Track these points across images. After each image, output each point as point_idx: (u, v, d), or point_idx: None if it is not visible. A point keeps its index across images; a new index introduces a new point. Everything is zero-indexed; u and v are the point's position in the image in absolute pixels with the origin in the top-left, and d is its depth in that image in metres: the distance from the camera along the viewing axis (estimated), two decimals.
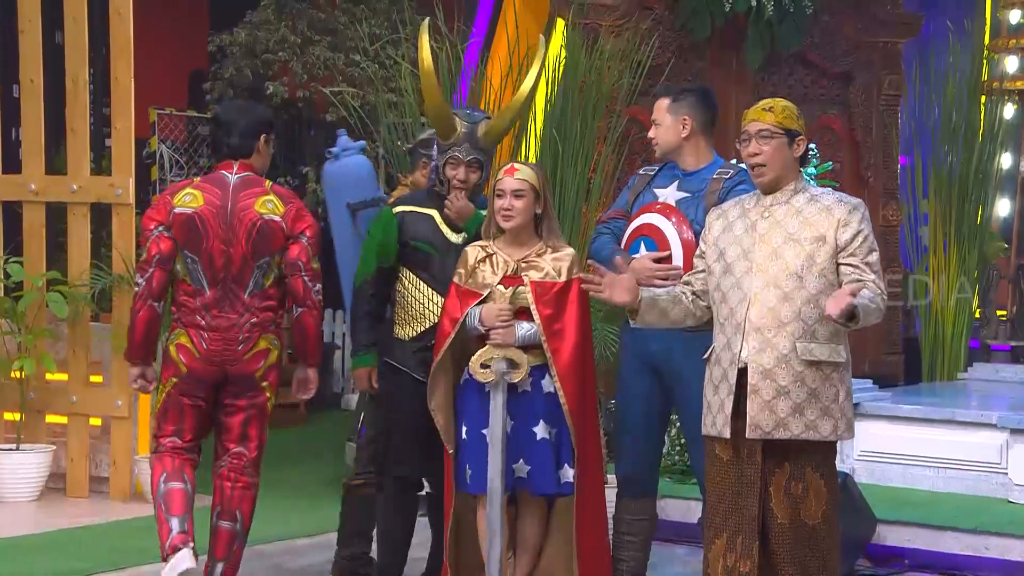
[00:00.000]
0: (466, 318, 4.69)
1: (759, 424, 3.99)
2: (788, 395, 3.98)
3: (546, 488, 4.71)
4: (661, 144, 4.89)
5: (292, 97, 10.35)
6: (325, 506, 7.19)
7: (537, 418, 4.69)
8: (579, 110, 6.83)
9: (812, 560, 4.05)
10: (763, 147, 4.05)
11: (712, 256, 4.16)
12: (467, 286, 4.74)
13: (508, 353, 4.66)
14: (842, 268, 3.98)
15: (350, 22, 9.95)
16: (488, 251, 4.77)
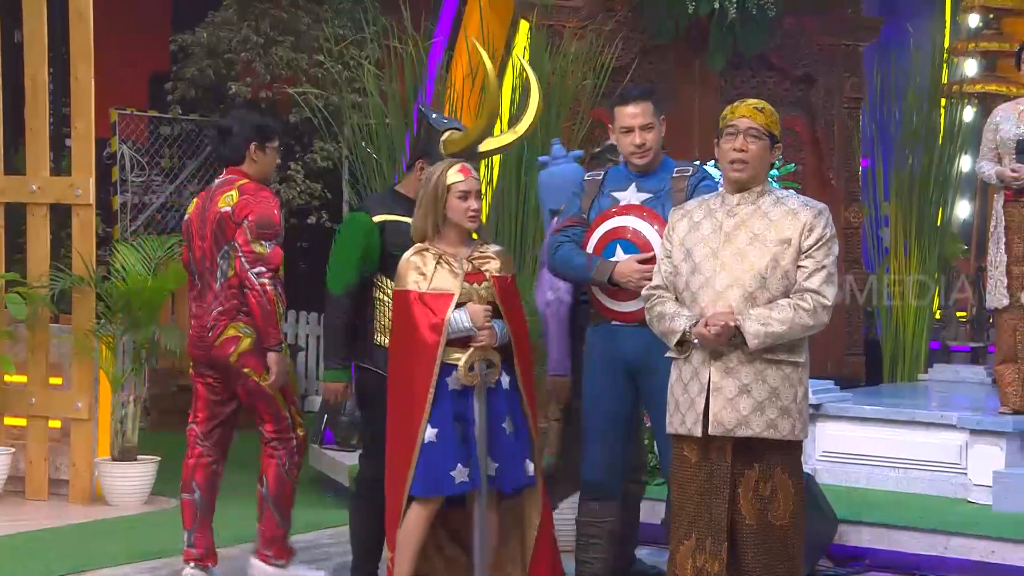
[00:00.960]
0: (450, 322, 4.59)
1: (721, 421, 4.02)
2: (750, 393, 4.01)
3: (516, 483, 4.70)
4: (655, 148, 4.85)
5: (255, 98, 10.29)
6: None
7: (504, 415, 4.69)
8: (544, 112, 6.82)
9: (778, 560, 4.08)
10: (750, 145, 4.07)
11: (679, 256, 4.16)
12: (432, 290, 4.64)
13: (487, 354, 4.65)
14: (798, 269, 4.03)
15: (314, 22, 9.90)
16: (435, 252, 4.68)
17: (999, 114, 6.71)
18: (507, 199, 6.87)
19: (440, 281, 4.65)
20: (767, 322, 3.97)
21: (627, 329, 4.77)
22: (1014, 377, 6.58)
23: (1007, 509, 6.00)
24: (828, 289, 4.05)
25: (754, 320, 3.97)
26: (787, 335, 4.00)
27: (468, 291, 4.64)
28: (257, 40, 10.24)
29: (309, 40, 9.98)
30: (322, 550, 6.27)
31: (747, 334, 3.96)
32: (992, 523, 5.85)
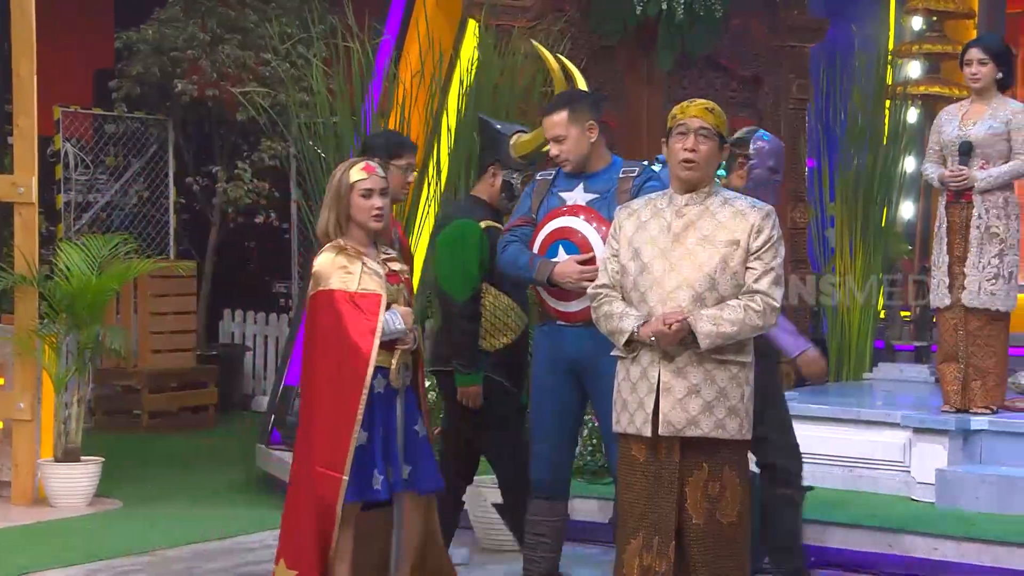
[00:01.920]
0: (385, 324, 4.56)
1: (672, 421, 4.04)
2: (699, 393, 4.03)
3: (436, 483, 4.73)
4: (572, 158, 4.87)
5: (201, 96, 10.22)
6: (235, 510, 7.14)
7: (416, 416, 4.70)
8: (492, 111, 6.83)
9: (726, 559, 4.09)
10: (701, 145, 4.08)
11: (626, 255, 4.17)
12: (360, 290, 4.56)
13: (407, 356, 4.68)
14: (747, 270, 4.06)
15: (261, 20, 9.85)
16: (352, 253, 4.61)
17: (943, 115, 6.77)
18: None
19: (365, 282, 4.58)
20: (718, 322, 3.99)
21: (572, 329, 4.79)
22: (956, 376, 6.64)
23: (949, 506, 6.07)
24: (776, 291, 4.09)
25: (706, 320, 3.99)
26: (737, 335, 4.03)
27: (393, 292, 4.62)
28: (203, 38, 10.17)
29: (256, 38, 9.92)
30: (269, 550, 6.22)
31: (699, 334, 3.98)
32: (935, 520, 5.93)
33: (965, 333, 6.57)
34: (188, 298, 10.20)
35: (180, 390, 10.05)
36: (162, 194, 10.91)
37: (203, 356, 10.45)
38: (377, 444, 4.57)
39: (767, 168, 5.07)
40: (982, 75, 6.54)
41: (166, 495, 7.49)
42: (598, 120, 4.90)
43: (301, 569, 4.59)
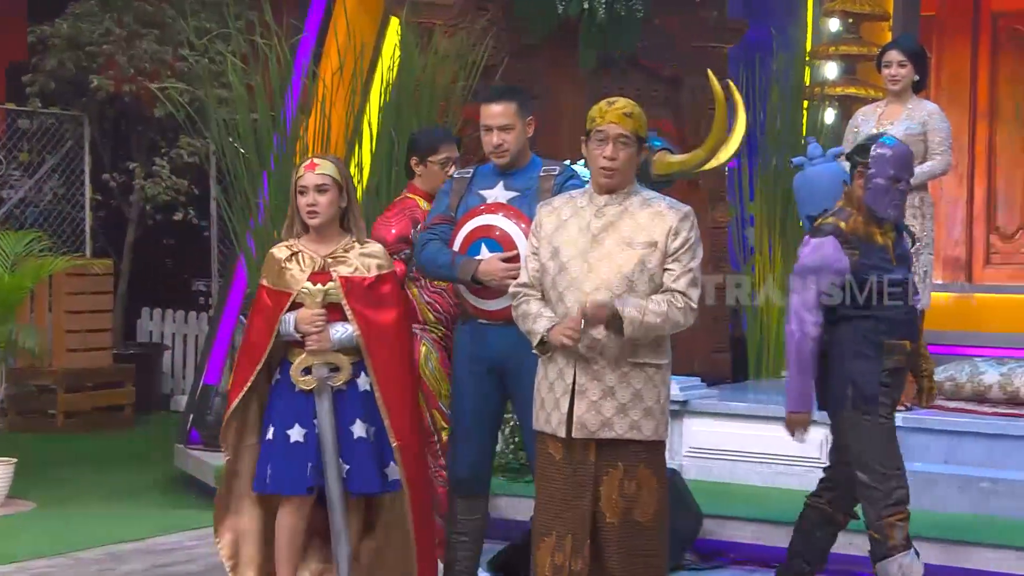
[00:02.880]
0: (280, 325, 4.60)
1: (585, 423, 4.06)
2: (614, 395, 4.06)
3: (366, 487, 4.67)
4: (512, 150, 4.86)
5: (118, 91, 10.08)
6: (152, 510, 7.06)
7: (354, 417, 4.65)
8: (414, 109, 6.82)
9: (641, 557, 4.13)
10: (619, 153, 4.10)
11: (546, 254, 4.18)
12: (277, 287, 4.63)
13: (327, 357, 4.62)
14: (665, 271, 4.09)
15: (178, 15, 9.73)
16: (293, 249, 4.67)
17: (860, 116, 6.88)
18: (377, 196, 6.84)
19: (286, 278, 4.62)
20: (644, 312, 4.01)
21: (493, 327, 4.79)
22: None
23: None
24: (694, 291, 4.12)
25: (632, 307, 4.00)
26: (659, 328, 4.05)
27: (305, 292, 4.60)
28: (120, 33, 10.03)
29: (174, 33, 9.81)
30: (187, 551, 6.18)
31: (625, 318, 3.97)
32: None
33: None
34: (104, 296, 10.06)
35: (96, 389, 9.91)
36: (78, 191, 10.74)
37: (120, 355, 10.32)
38: (276, 438, 4.60)
39: (888, 177, 4.72)
40: (902, 77, 6.65)
41: (81, 496, 7.39)
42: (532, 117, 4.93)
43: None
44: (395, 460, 4.66)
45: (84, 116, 10.66)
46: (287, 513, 4.65)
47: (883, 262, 4.71)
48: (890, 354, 4.70)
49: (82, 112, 10.63)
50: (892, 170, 4.71)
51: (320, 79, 6.96)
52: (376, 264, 4.69)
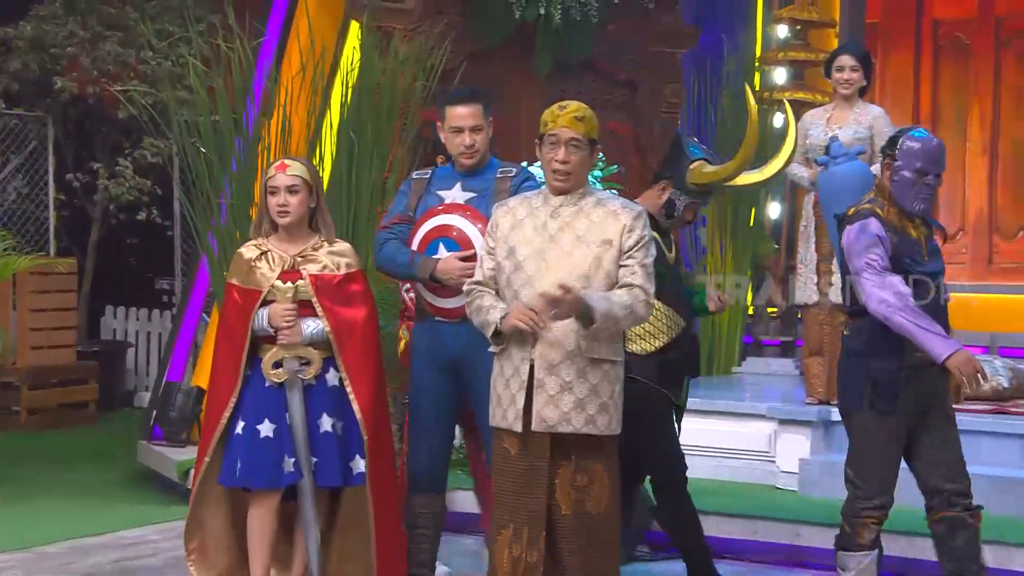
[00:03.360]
0: (253, 320, 4.61)
1: (544, 418, 4.08)
2: (572, 390, 4.08)
3: (331, 480, 4.67)
4: (482, 150, 4.87)
5: (81, 93, 10.01)
6: (115, 505, 7.03)
7: (321, 411, 4.66)
8: (374, 112, 6.81)
9: (595, 548, 4.15)
10: (572, 156, 4.11)
11: (502, 253, 4.19)
12: (247, 285, 4.65)
13: (298, 351, 4.63)
14: (620, 268, 4.12)
15: (141, 19, 9.67)
16: (262, 248, 4.69)
17: (808, 120, 6.93)
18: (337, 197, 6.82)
19: (256, 276, 4.65)
20: (610, 303, 4.01)
21: (450, 325, 4.80)
22: (820, 369, 6.81)
23: (811, 494, 6.22)
24: (650, 286, 4.14)
25: (599, 299, 4.00)
26: (624, 320, 4.07)
27: (275, 289, 4.62)
28: (83, 35, 9.96)
29: (137, 36, 9.75)
30: (150, 545, 6.16)
31: (596, 310, 3.96)
32: (797, 507, 6.07)
33: (831, 328, 6.74)
34: (68, 295, 9.99)
35: (60, 386, 9.83)
36: (42, 191, 10.66)
37: (84, 353, 10.25)
38: (246, 432, 4.61)
39: (914, 170, 4.52)
40: (854, 81, 6.72)
41: (45, 492, 7.33)
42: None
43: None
44: (362, 455, 4.66)
45: (48, 117, 10.58)
46: (257, 507, 4.65)
47: (916, 255, 4.55)
48: (913, 349, 4.47)
49: (46, 113, 10.55)
50: (919, 163, 4.51)
51: (281, 82, 6.94)
52: (345, 263, 4.71)
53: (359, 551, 4.77)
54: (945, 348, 4.36)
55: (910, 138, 4.59)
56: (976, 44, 10.20)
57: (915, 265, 4.54)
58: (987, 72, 10.13)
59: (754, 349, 8.98)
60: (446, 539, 5.22)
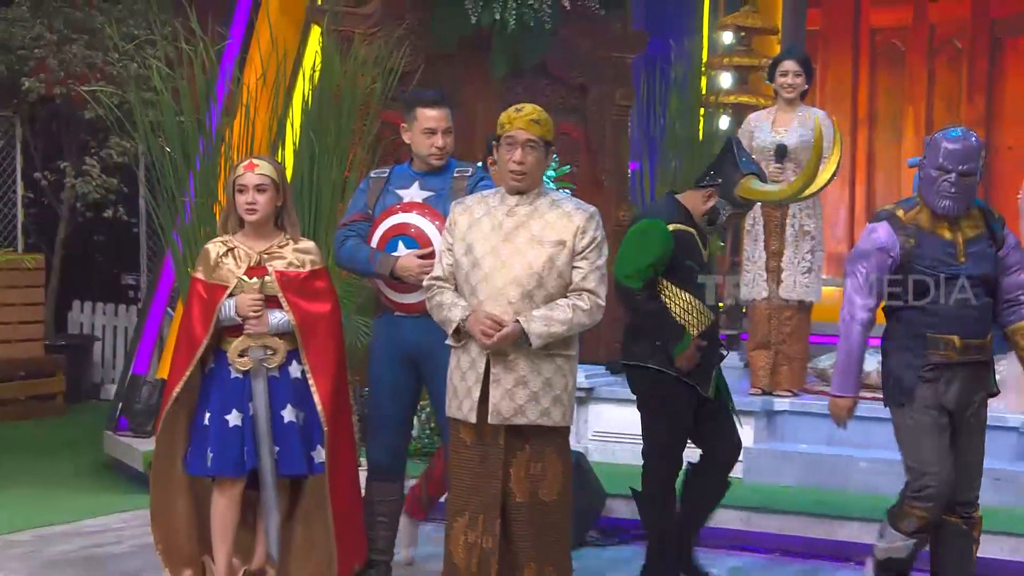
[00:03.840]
0: (220, 311, 4.60)
1: (500, 410, 4.07)
2: (526, 384, 4.08)
3: (293, 469, 4.64)
4: (449, 150, 4.86)
5: (49, 94, 9.89)
6: (81, 494, 6.94)
7: (285, 402, 4.63)
8: (334, 113, 6.76)
9: (547, 533, 4.15)
10: (528, 157, 4.11)
11: (460, 250, 4.18)
12: (212, 280, 4.64)
13: (264, 340, 4.61)
14: (574, 270, 4.11)
15: (107, 22, 9.56)
16: (229, 245, 4.68)
17: (753, 122, 6.95)
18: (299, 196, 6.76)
19: (222, 272, 4.63)
20: (550, 323, 4.04)
21: (409, 319, 4.79)
22: (765, 361, 6.84)
23: (756, 481, 6.24)
24: (602, 289, 4.16)
25: (538, 322, 4.03)
26: (566, 333, 4.10)
27: (242, 284, 4.60)
28: (51, 37, 9.83)
29: (103, 39, 9.63)
30: (115, 533, 6.09)
31: (531, 335, 4.02)
32: (743, 494, 6.06)
33: (777, 322, 6.77)
34: (36, 290, 9.88)
35: (28, 379, 9.71)
36: (10, 189, 10.51)
37: (51, 346, 10.12)
38: (213, 423, 4.57)
39: (936, 167, 4.38)
40: (798, 85, 6.76)
41: (12, 481, 7.23)
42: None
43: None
44: (322, 444, 4.64)
45: (16, 117, 10.44)
46: (222, 495, 4.63)
47: (946, 256, 4.42)
48: (934, 348, 4.42)
49: (14, 113, 10.41)
50: (941, 159, 4.36)
51: (244, 84, 6.87)
52: (310, 260, 4.71)
53: (320, 539, 4.74)
54: (835, 389, 4.59)
55: (939, 136, 4.45)
56: (911, 51, 10.29)
57: (943, 267, 4.41)
58: (921, 77, 10.22)
59: None
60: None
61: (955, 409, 4.48)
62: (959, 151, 4.36)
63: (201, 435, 4.61)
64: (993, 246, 4.50)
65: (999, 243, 4.52)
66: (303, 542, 4.79)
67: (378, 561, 4.97)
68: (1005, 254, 4.53)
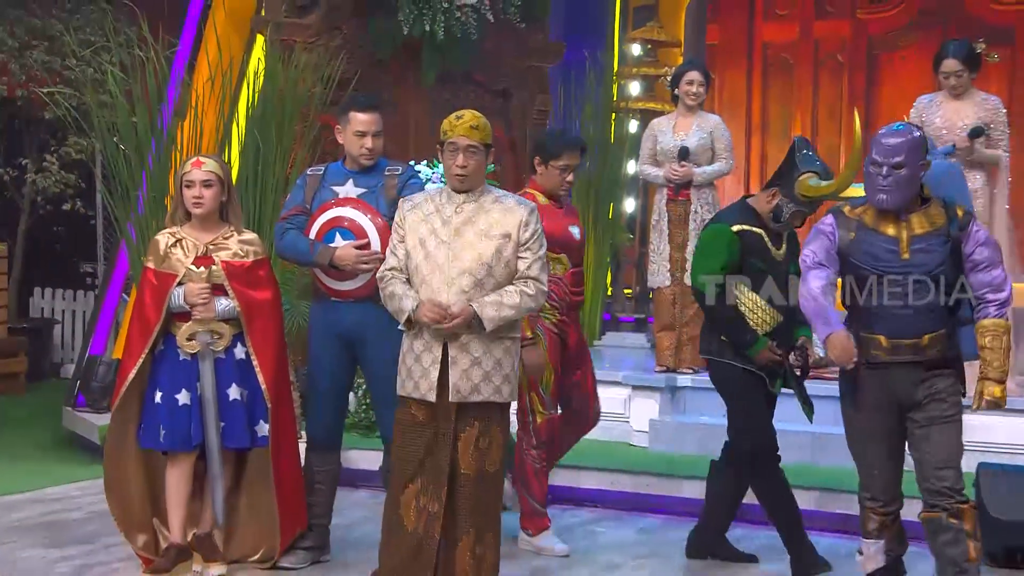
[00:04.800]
0: (170, 298, 4.56)
1: (459, 389, 4.05)
2: (480, 364, 4.06)
3: (239, 442, 4.64)
4: (378, 151, 4.82)
5: (11, 95, 9.70)
6: (42, 466, 6.83)
7: (230, 381, 4.61)
8: (277, 115, 6.70)
9: (488, 499, 4.14)
10: (469, 161, 4.09)
11: (412, 243, 4.14)
12: (162, 269, 4.60)
13: (211, 326, 4.58)
14: (519, 259, 4.11)
15: (65, 29, 9.40)
16: (177, 236, 4.64)
17: (656, 127, 7.00)
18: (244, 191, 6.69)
19: (171, 261, 4.60)
20: (500, 308, 4.03)
21: (344, 304, 4.78)
22: (669, 342, 6.91)
23: (659, 450, 6.30)
24: (544, 276, 4.16)
25: (490, 307, 4.02)
26: (515, 317, 4.10)
27: (190, 272, 4.57)
28: (12, 43, 9.66)
29: (61, 45, 9.47)
30: (73, 500, 6.01)
31: (485, 319, 4.01)
32: (648, 462, 6.15)
33: (681, 306, 6.83)
34: (0, 277, 9.67)
35: None
36: None
37: (14, 329, 9.94)
38: (164, 401, 4.54)
39: (871, 162, 4.09)
40: (700, 94, 6.82)
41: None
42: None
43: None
44: (265, 420, 4.62)
45: None
46: (174, 467, 4.61)
47: (886, 253, 4.07)
48: (866, 347, 4.08)
49: None
50: (874, 154, 4.07)
51: (193, 88, 6.78)
52: (253, 251, 4.69)
53: (263, 505, 4.74)
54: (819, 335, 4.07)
55: (879, 132, 4.13)
56: (798, 64, 10.43)
57: (880, 265, 4.05)
58: (807, 87, 10.36)
59: (612, 325, 9.05)
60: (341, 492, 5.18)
61: (898, 409, 4.13)
62: (889, 145, 4.05)
63: (152, 412, 4.58)
64: (949, 243, 4.06)
65: (954, 240, 4.06)
66: (248, 509, 4.79)
67: (317, 524, 4.96)
68: (971, 251, 4.09)
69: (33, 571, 4.76)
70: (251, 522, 4.79)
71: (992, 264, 4.09)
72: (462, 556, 4.09)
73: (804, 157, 4.81)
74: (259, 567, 4.79)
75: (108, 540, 5.07)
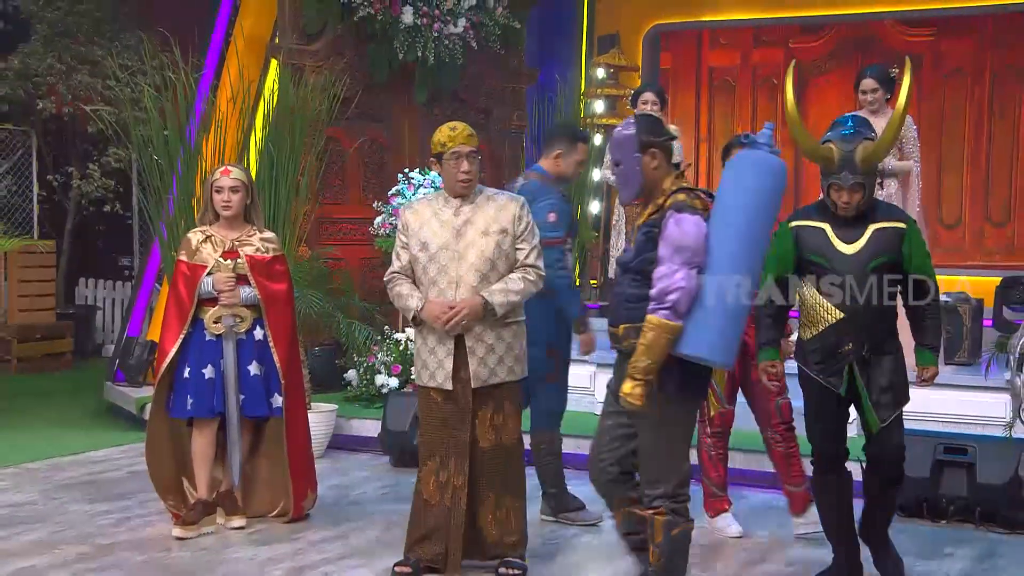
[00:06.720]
0: (201, 285, 4.57)
1: (479, 376, 3.96)
2: (494, 350, 3.98)
3: (257, 410, 4.63)
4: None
5: (59, 112, 9.68)
6: (86, 432, 6.81)
7: (250, 358, 4.61)
8: (289, 129, 6.67)
9: (507, 469, 4.04)
10: (472, 166, 3.99)
11: (416, 246, 4.02)
12: (194, 262, 4.61)
13: (235, 310, 4.58)
14: (517, 250, 4.01)
15: (107, 55, 9.37)
16: (207, 234, 4.65)
17: None
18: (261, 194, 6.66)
19: (202, 255, 4.61)
20: (507, 293, 3.93)
21: None
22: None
23: None
24: (540, 262, 4.05)
25: (498, 294, 3.92)
26: (520, 301, 4.00)
27: (219, 264, 4.58)
28: (60, 67, 9.63)
29: (103, 68, 9.44)
30: (113, 462, 5.99)
31: (495, 305, 3.91)
32: None
33: None
34: (49, 269, 9.66)
35: (43, 341, 9.48)
36: (27, 188, 10.26)
37: (62, 314, 9.92)
38: (199, 377, 4.55)
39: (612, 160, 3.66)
40: (657, 112, 6.83)
41: (30, 422, 7.07)
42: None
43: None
44: (279, 393, 4.61)
45: (32, 131, 10.22)
46: (200, 434, 4.61)
47: (627, 243, 4.16)
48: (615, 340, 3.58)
49: (30, 128, 10.17)
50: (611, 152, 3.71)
51: (217, 105, 6.74)
52: (273, 248, 4.70)
53: (278, 470, 4.74)
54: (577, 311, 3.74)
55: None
56: (739, 85, 10.44)
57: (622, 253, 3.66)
58: (747, 106, 10.38)
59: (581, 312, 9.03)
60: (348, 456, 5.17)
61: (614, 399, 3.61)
62: (610, 144, 3.78)
63: (182, 385, 4.57)
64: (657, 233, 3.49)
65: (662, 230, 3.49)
66: (264, 473, 4.79)
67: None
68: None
69: (79, 523, 4.75)
70: (268, 482, 4.78)
71: (660, 260, 3.43)
72: (485, 520, 4.01)
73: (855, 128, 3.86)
74: (276, 520, 4.77)
75: (144, 496, 5.06)
